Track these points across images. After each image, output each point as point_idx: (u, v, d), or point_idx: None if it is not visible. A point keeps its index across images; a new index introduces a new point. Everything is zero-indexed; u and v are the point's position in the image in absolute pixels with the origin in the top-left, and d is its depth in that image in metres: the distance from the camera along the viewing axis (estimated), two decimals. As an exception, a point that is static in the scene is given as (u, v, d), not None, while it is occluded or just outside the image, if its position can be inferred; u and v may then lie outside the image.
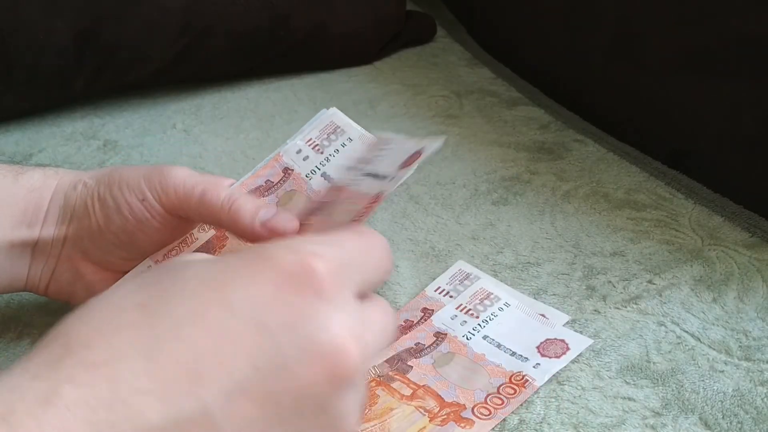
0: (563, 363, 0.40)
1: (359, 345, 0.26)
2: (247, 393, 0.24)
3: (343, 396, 0.25)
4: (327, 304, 0.25)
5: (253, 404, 0.24)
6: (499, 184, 0.58)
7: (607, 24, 0.66)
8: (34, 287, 0.42)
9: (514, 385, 0.39)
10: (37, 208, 0.40)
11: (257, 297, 0.25)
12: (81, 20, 0.64)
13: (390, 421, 0.37)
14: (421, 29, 0.85)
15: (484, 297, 0.44)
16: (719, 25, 0.55)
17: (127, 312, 0.24)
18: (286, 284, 0.25)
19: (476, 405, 0.38)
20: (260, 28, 0.71)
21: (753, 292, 0.46)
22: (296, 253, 0.26)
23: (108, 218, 0.39)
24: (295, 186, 0.43)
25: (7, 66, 0.63)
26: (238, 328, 0.24)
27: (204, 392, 0.23)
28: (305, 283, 0.25)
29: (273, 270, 0.26)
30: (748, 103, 0.54)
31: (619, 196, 0.56)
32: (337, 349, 0.25)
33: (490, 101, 0.71)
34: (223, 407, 0.23)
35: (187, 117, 0.70)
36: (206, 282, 0.25)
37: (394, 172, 0.37)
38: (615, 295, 0.46)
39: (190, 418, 0.23)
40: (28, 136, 0.67)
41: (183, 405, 0.23)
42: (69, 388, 0.22)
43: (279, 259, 0.26)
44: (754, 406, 0.38)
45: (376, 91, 0.74)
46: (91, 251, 0.40)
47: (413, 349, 0.41)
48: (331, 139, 0.43)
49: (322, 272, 0.26)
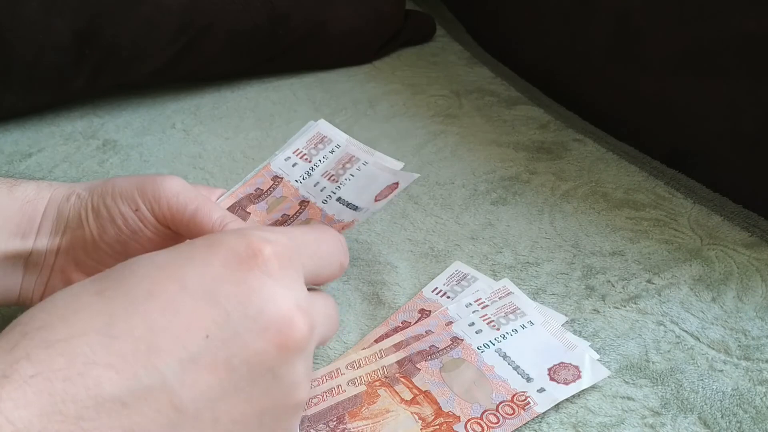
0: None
1: (306, 318, 0.27)
2: (201, 362, 0.25)
3: (292, 365, 0.27)
4: (274, 280, 0.27)
5: (208, 372, 0.25)
6: (498, 183, 0.58)
7: (606, 23, 0.67)
8: (27, 300, 0.41)
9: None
10: (31, 220, 0.39)
11: (207, 275, 0.26)
12: (80, 19, 0.64)
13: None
14: (421, 28, 0.85)
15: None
16: (719, 24, 0.55)
17: (85, 298, 0.26)
18: (234, 263, 0.27)
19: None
20: (259, 27, 0.71)
21: (752, 292, 0.46)
22: (245, 237, 0.28)
23: (102, 228, 0.39)
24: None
25: (7, 65, 0.63)
26: (190, 302, 0.26)
27: (160, 363, 0.24)
28: (253, 262, 0.27)
29: (223, 252, 0.27)
30: (748, 102, 0.54)
31: (618, 195, 0.56)
32: (285, 319, 0.27)
33: (490, 101, 0.71)
34: (179, 376, 0.24)
35: (187, 117, 0.70)
36: (159, 265, 0.27)
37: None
38: (614, 295, 0.46)
39: (148, 387, 0.24)
40: (27, 135, 0.67)
41: (140, 375, 0.24)
42: (25, 364, 0.23)
43: (229, 242, 0.28)
44: (753, 406, 0.38)
45: (376, 90, 0.74)
46: (85, 262, 0.40)
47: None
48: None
49: (269, 253, 0.27)
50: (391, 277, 0.47)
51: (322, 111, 0.70)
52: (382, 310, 0.45)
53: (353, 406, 0.38)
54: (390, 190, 0.40)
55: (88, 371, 0.23)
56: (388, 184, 0.40)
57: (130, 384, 0.24)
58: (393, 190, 0.40)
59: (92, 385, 0.23)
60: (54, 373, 0.23)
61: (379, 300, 0.46)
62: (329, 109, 0.70)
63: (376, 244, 0.51)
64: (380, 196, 0.40)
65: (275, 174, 0.45)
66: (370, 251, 0.50)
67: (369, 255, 0.50)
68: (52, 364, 0.23)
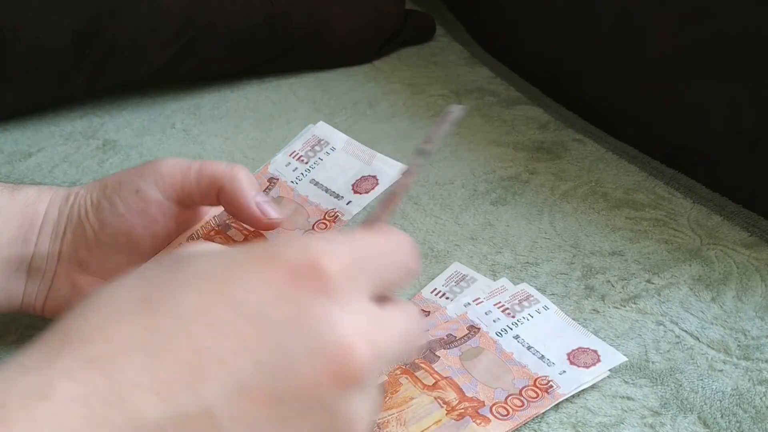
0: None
1: (369, 346, 0.24)
2: (249, 392, 0.23)
3: (349, 399, 0.24)
4: (335, 303, 0.24)
5: (255, 404, 0.23)
6: (497, 184, 0.58)
7: (606, 23, 0.66)
8: (30, 306, 0.41)
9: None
10: (32, 223, 0.40)
11: (262, 294, 0.24)
12: (80, 19, 0.64)
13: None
14: (421, 28, 0.85)
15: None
16: (719, 24, 0.55)
17: (128, 306, 0.24)
18: (293, 281, 0.24)
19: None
20: (259, 26, 0.71)
21: (752, 292, 0.46)
22: (305, 250, 0.25)
23: (103, 222, 0.39)
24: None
25: (7, 65, 0.63)
26: (242, 325, 0.23)
27: (205, 390, 0.22)
28: (313, 281, 0.24)
29: (280, 266, 0.25)
30: (748, 102, 0.54)
31: (617, 195, 0.56)
32: (344, 348, 0.24)
33: (489, 100, 0.71)
34: (224, 406, 0.23)
35: (187, 116, 0.70)
36: (210, 277, 0.25)
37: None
38: (614, 295, 0.46)
39: (190, 416, 0.22)
40: (27, 135, 0.67)
41: (182, 402, 0.22)
42: (65, 382, 0.21)
43: (287, 255, 0.25)
44: (752, 405, 0.38)
45: (376, 90, 0.74)
46: (89, 262, 0.39)
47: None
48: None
49: (332, 270, 0.24)
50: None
51: (322, 111, 0.70)
52: (382, 310, 0.45)
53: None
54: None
55: (128, 395, 0.22)
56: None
57: (172, 411, 0.22)
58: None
59: (132, 409, 0.22)
60: (95, 396, 0.21)
61: (379, 300, 0.46)
62: (329, 109, 0.70)
63: (376, 244, 0.51)
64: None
65: (272, 175, 0.45)
66: (369, 251, 0.50)
67: (369, 255, 0.50)
68: (94, 385, 0.22)
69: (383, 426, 0.36)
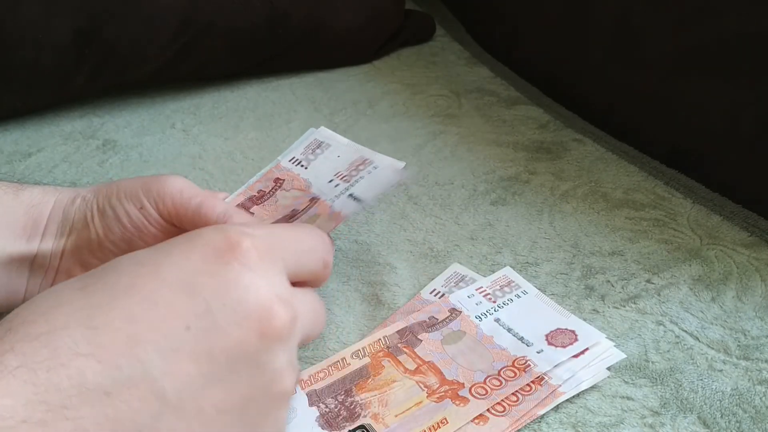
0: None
1: (286, 308, 0.27)
2: (182, 352, 0.25)
3: (275, 353, 0.27)
4: (254, 272, 0.27)
5: (189, 362, 0.26)
6: (497, 184, 0.58)
7: (606, 23, 0.66)
8: None
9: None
10: (36, 222, 0.40)
11: (186, 268, 0.27)
12: (80, 19, 0.64)
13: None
14: (420, 28, 0.85)
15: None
16: (719, 24, 0.55)
17: (68, 295, 0.26)
18: (213, 256, 0.27)
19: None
20: (259, 26, 0.71)
21: (751, 292, 0.46)
22: (223, 231, 0.28)
23: (107, 228, 0.39)
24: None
25: (7, 65, 0.63)
26: (169, 294, 0.26)
27: (141, 353, 0.25)
28: (231, 254, 0.27)
29: (201, 246, 0.28)
30: (748, 102, 0.54)
31: (617, 195, 0.56)
32: (265, 308, 0.27)
33: (489, 100, 0.71)
34: (160, 366, 0.25)
35: (186, 116, 0.70)
36: (140, 261, 0.28)
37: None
38: (614, 295, 0.46)
39: (130, 377, 0.24)
40: (27, 135, 0.67)
41: (122, 365, 0.24)
42: (10, 356, 0.23)
43: (207, 236, 0.28)
44: (752, 405, 0.38)
45: (375, 90, 0.74)
46: (90, 262, 0.40)
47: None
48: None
49: (248, 245, 0.28)
50: (390, 278, 0.47)
51: (322, 111, 0.70)
52: (382, 311, 0.45)
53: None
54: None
55: (70, 361, 0.24)
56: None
57: (112, 373, 0.24)
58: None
59: (75, 374, 0.23)
60: (37, 364, 0.23)
61: (379, 301, 0.46)
62: (329, 109, 0.70)
63: (376, 245, 0.51)
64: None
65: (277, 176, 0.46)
66: (369, 252, 0.50)
67: (368, 256, 0.50)
68: (35, 355, 0.23)
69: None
